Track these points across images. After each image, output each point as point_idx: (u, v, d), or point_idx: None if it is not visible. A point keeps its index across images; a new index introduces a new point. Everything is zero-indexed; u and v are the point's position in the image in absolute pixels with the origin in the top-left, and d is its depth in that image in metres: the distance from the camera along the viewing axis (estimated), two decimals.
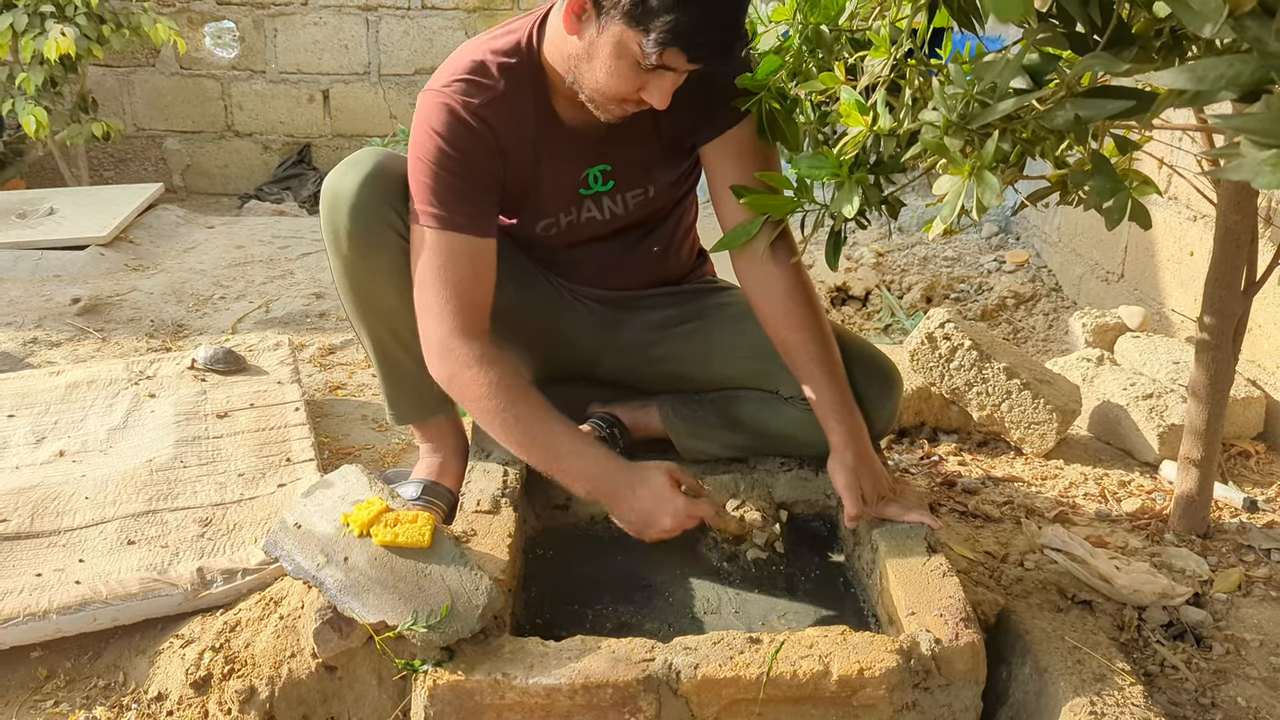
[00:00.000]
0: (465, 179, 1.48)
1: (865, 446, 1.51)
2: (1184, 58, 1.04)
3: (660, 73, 1.36)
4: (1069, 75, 0.91)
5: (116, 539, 1.48)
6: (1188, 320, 2.45)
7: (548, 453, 1.44)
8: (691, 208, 1.83)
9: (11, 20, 3.56)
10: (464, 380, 1.46)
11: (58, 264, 3.03)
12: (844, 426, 1.50)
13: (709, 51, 1.32)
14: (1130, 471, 2.01)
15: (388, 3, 4.58)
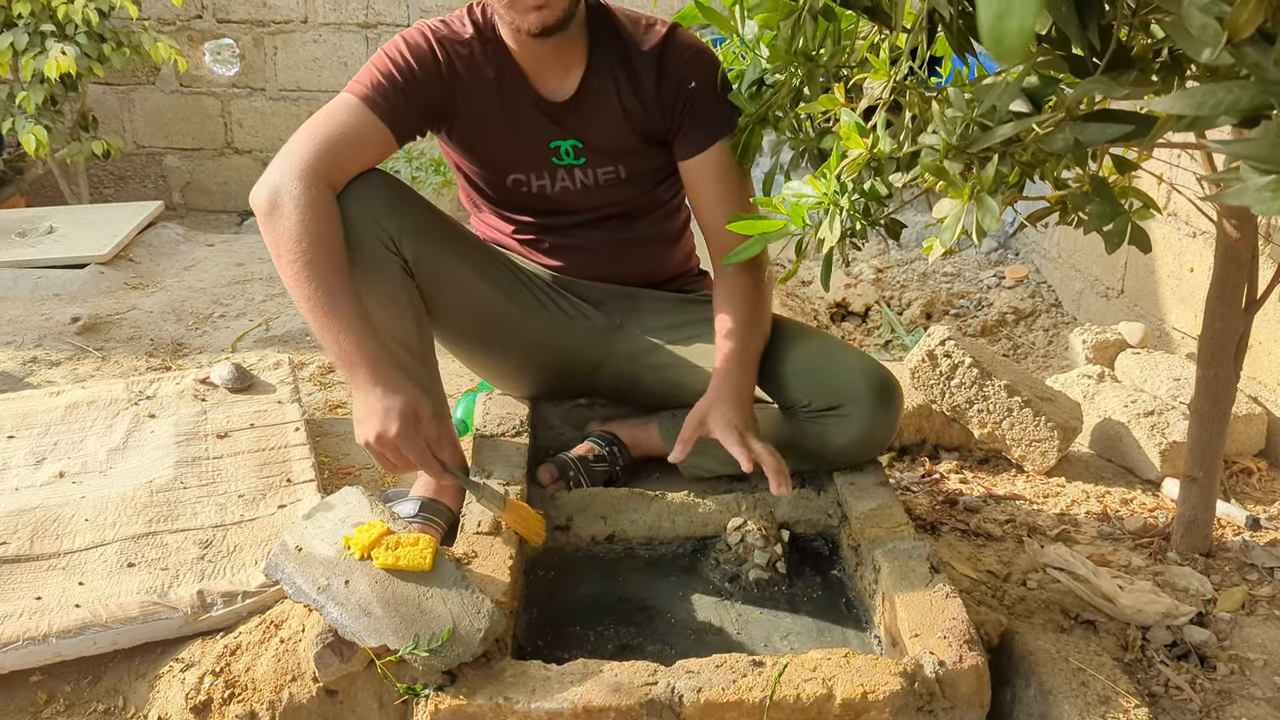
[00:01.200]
0: (403, 81, 1.57)
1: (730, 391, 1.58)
2: (1183, 78, 1.05)
3: None
4: (1068, 99, 0.91)
5: (116, 561, 1.47)
6: (1188, 336, 2.45)
7: (330, 322, 1.42)
8: (680, 211, 1.86)
9: (12, 39, 3.57)
10: (279, 222, 1.44)
11: (58, 283, 3.03)
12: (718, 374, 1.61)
13: None
14: (1132, 489, 2.00)
15: (387, 19, 4.59)
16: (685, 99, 1.64)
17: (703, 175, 1.67)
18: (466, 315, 1.74)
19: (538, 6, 1.50)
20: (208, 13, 4.55)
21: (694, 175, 1.68)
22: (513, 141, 1.67)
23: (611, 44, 1.65)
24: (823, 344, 1.72)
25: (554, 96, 1.65)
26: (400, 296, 1.59)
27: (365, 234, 1.53)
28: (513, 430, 1.78)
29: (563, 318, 1.80)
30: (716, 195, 1.67)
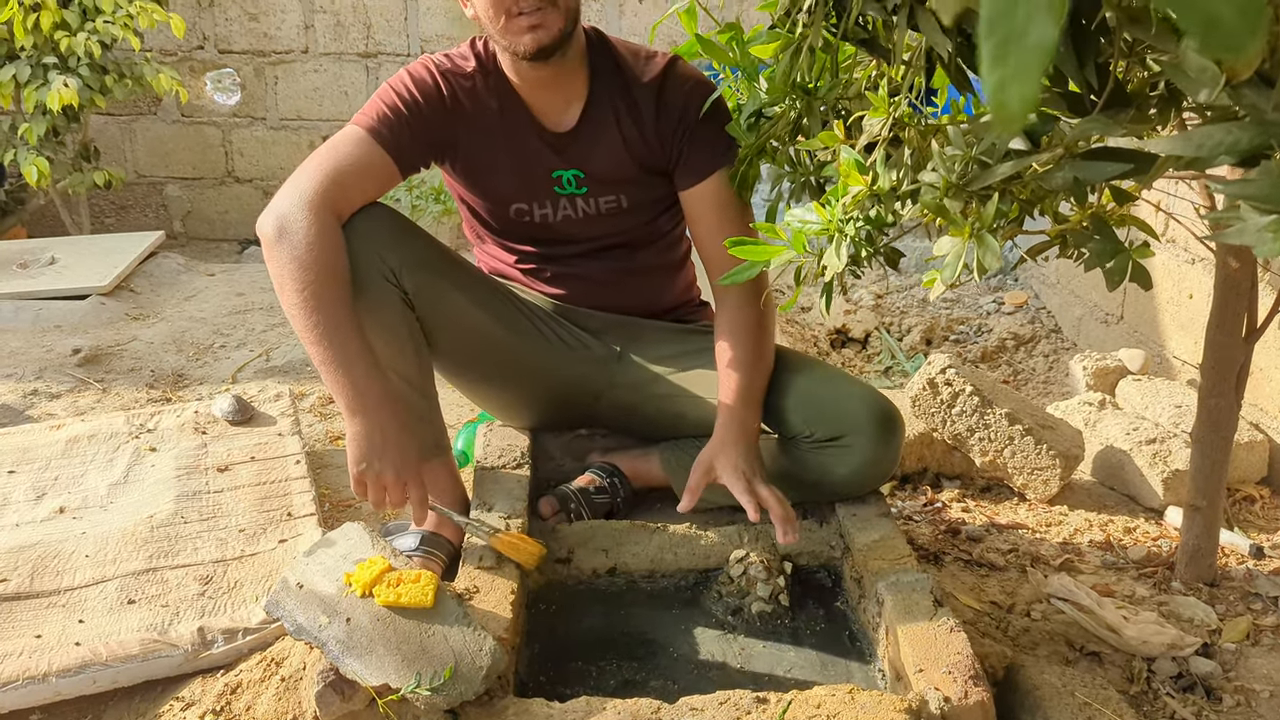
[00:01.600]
0: (407, 114, 1.59)
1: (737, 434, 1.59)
2: (1179, 113, 1.05)
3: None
4: (1067, 137, 0.91)
5: (117, 598, 1.47)
6: (1188, 364, 2.46)
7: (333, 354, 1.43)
8: (681, 241, 1.87)
9: (14, 71, 3.59)
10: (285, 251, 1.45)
11: (59, 314, 3.03)
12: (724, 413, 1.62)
13: None
14: (1135, 518, 2.00)
15: (387, 49, 4.62)
16: (684, 129, 1.66)
17: (702, 204, 1.68)
18: (467, 346, 1.74)
19: (532, 27, 1.51)
20: (209, 44, 4.58)
21: (693, 204, 1.69)
22: (515, 172, 1.69)
23: (612, 75, 1.66)
24: (824, 374, 1.72)
25: (556, 127, 1.67)
26: (400, 328, 1.59)
27: (367, 266, 1.54)
28: (513, 462, 1.78)
29: (563, 348, 1.80)
30: (716, 224, 1.68)
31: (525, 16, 1.51)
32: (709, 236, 1.69)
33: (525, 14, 1.51)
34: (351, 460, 1.45)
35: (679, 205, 1.75)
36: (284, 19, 4.57)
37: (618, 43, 1.71)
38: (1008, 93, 0.33)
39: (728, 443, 1.59)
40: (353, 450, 1.45)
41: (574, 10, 1.58)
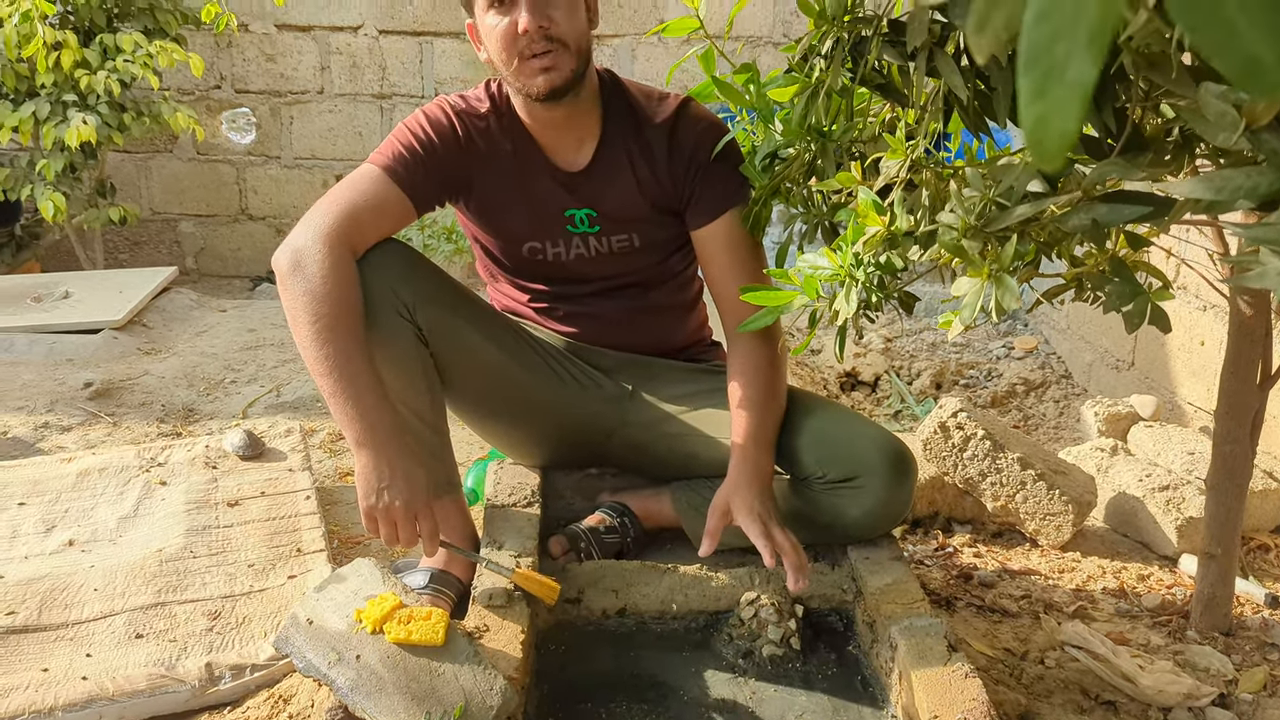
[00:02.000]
0: (423, 153, 1.61)
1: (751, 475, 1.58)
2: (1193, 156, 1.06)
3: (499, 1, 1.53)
4: (1085, 181, 0.92)
5: (125, 632, 1.46)
6: (1201, 410, 2.45)
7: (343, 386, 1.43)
8: (693, 282, 1.88)
9: (34, 108, 3.64)
10: (300, 284, 1.46)
11: (71, 347, 3.04)
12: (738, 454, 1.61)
13: None
14: (1149, 565, 1.98)
15: (401, 91, 4.68)
16: (696, 169, 1.67)
17: (714, 244, 1.69)
18: (479, 383, 1.74)
19: (545, 69, 1.53)
20: (227, 83, 4.64)
21: (705, 244, 1.70)
22: (528, 211, 1.70)
23: (624, 116, 1.68)
24: (837, 415, 1.72)
25: (569, 167, 1.68)
26: (414, 364, 1.60)
27: (381, 301, 1.55)
28: (524, 500, 1.77)
29: (575, 386, 1.80)
30: (728, 264, 1.69)
31: (538, 59, 1.53)
32: (721, 276, 1.70)
33: (537, 56, 1.53)
34: (361, 494, 1.44)
35: (691, 245, 1.77)
36: (301, 60, 4.63)
37: (630, 84, 1.73)
38: (1047, 129, 0.33)
39: (742, 485, 1.58)
40: (362, 484, 1.44)
41: (585, 51, 1.60)
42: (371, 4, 4.55)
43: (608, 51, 4.53)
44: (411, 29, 4.60)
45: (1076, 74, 0.32)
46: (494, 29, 1.54)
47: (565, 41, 1.54)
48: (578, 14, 1.57)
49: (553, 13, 1.52)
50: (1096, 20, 0.32)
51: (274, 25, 4.58)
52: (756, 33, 4.58)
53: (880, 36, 1.09)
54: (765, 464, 1.62)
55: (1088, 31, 0.32)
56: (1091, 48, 0.32)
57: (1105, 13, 0.32)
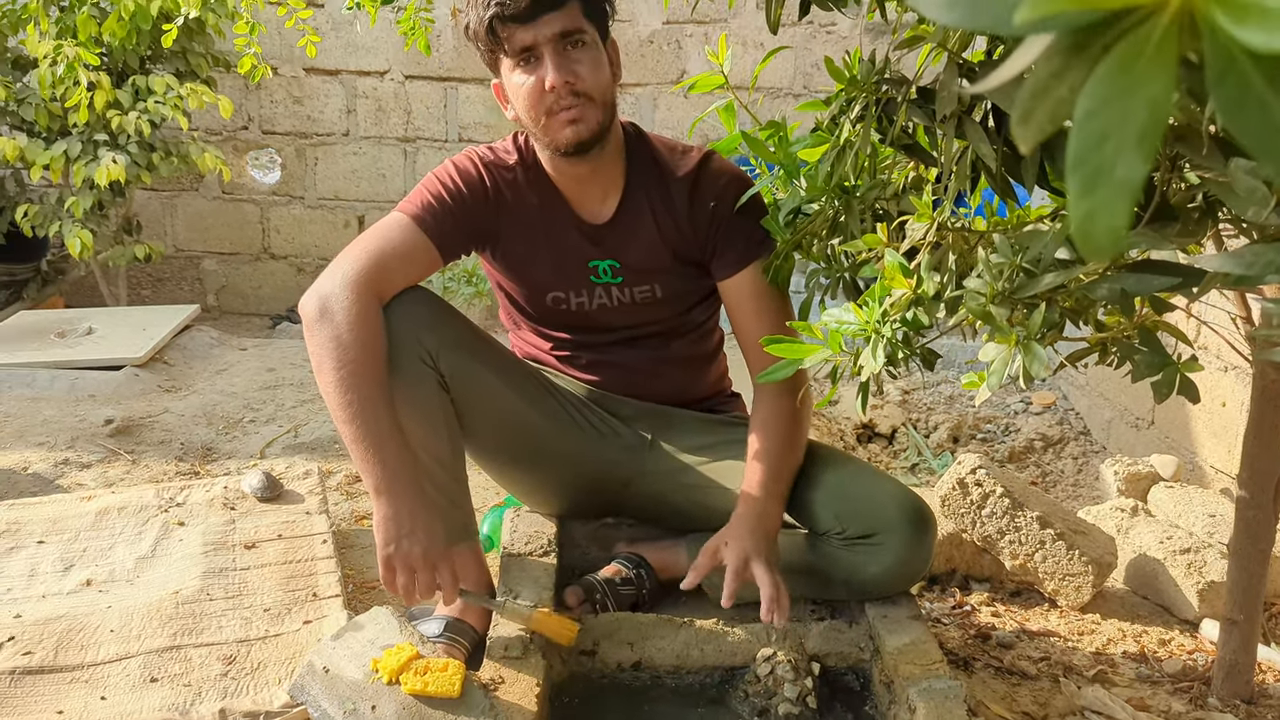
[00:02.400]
0: (452, 203, 1.63)
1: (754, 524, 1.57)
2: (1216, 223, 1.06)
3: (527, 55, 1.55)
4: None
5: (140, 675, 1.46)
6: (1221, 472, 2.43)
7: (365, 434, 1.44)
8: (714, 333, 1.89)
9: (66, 147, 3.70)
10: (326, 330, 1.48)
11: (93, 384, 3.07)
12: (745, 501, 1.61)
13: (512, 8, 1.51)
14: (1170, 629, 1.96)
15: (426, 135, 4.74)
16: (719, 222, 1.69)
17: (739, 295, 1.71)
18: (499, 430, 1.75)
19: (571, 121, 1.56)
20: (254, 124, 4.71)
21: (731, 295, 1.72)
22: (553, 262, 1.72)
23: (648, 169, 1.70)
24: (856, 470, 1.71)
25: (593, 219, 1.70)
26: (435, 410, 1.61)
27: (405, 347, 1.56)
28: (540, 549, 1.77)
29: (595, 434, 1.80)
30: (754, 314, 1.70)
31: (564, 113, 1.56)
32: (747, 326, 1.71)
33: (564, 110, 1.55)
34: (380, 542, 1.44)
35: (714, 298, 1.78)
36: (327, 103, 4.70)
37: (654, 138, 1.75)
38: (1095, 224, 0.34)
39: (743, 531, 1.58)
40: (381, 532, 1.44)
41: (611, 104, 1.62)
42: (398, 50, 4.63)
43: (629, 101, 4.58)
44: (437, 75, 4.67)
45: (1126, 173, 0.33)
46: (520, 87, 1.56)
47: (591, 95, 1.57)
48: (602, 69, 1.59)
49: (578, 68, 1.55)
50: (1146, 120, 0.33)
51: (302, 69, 4.65)
52: (777, 85, 4.63)
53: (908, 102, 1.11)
54: (772, 514, 1.61)
55: (1137, 131, 0.33)
56: (1141, 147, 0.33)
57: (1155, 113, 0.33)
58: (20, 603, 1.65)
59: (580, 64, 1.55)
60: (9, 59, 3.94)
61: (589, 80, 1.56)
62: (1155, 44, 0.32)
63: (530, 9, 1.51)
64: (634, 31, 4.57)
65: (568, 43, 1.55)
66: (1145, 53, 0.32)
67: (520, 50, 1.54)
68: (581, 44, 1.56)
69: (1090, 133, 0.34)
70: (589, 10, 1.58)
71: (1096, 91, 0.33)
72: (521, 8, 1.51)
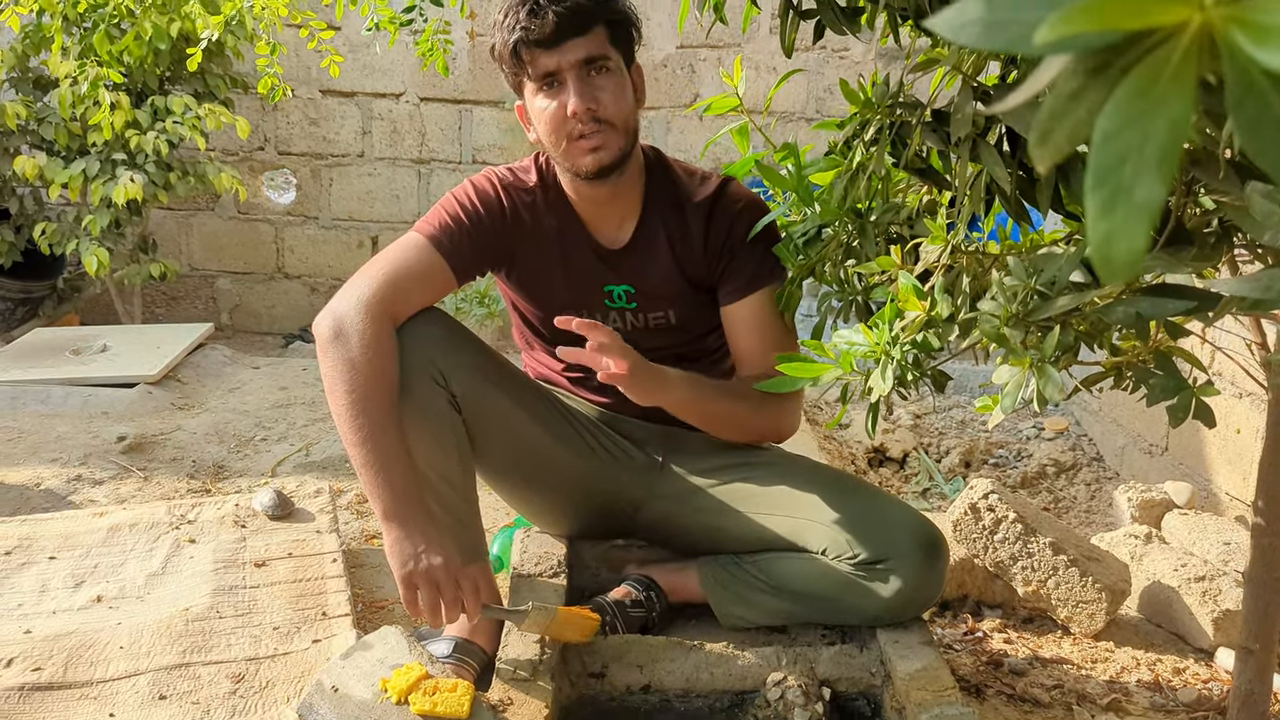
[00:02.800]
0: (469, 224, 1.64)
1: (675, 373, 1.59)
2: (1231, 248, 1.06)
3: (550, 79, 1.56)
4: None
5: (149, 693, 1.46)
6: (1236, 499, 2.41)
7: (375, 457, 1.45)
8: (727, 359, 1.89)
9: (84, 166, 3.73)
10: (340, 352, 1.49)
11: (107, 401, 3.08)
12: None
13: (536, 33, 1.52)
14: (1184, 658, 1.94)
15: (440, 156, 4.76)
16: (731, 247, 1.69)
17: (743, 322, 1.71)
18: (510, 451, 1.75)
19: (594, 148, 1.56)
20: (270, 145, 4.75)
21: (735, 321, 1.72)
22: (569, 285, 1.72)
23: (666, 194, 1.71)
24: (869, 495, 1.71)
25: (610, 244, 1.71)
26: (446, 430, 1.61)
27: (417, 368, 1.56)
28: (550, 570, 1.77)
29: (606, 456, 1.80)
30: (756, 343, 1.71)
31: (586, 139, 1.56)
32: (747, 353, 1.72)
33: (585, 137, 1.56)
34: (397, 564, 1.44)
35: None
36: (343, 124, 4.73)
37: (674, 162, 1.76)
38: (1113, 246, 0.34)
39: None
40: (396, 554, 1.44)
41: (633, 130, 1.63)
42: (413, 72, 4.66)
43: (642, 123, 4.61)
44: (452, 97, 4.70)
45: (1145, 194, 0.33)
46: (543, 111, 1.57)
47: (613, 122, 1.58)
48: (625, 95, 1.60)
49: (600, 94, 1.56)
50: (1166, 142, 0.33)
51: (318, 90, 4.69)
52: (790, 109, 4.64)
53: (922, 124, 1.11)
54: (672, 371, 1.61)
55: (1157, 153, 0.33)
56: (1160, 169, 0.33)
57: (1174, 135, 0.33)
58: (31, 618, 1.65)
59: (603, 90, 1.56)
60: (30, 79, 3.99)
61: (611, 107, 1.57)
62: (1175, 66, 0.32)
63: (555, 34, 1.52)
64: (648, 55, 4.60)
65: (591, 68, 1.56)
66: (1165, 74, 0.32)
67: (544, 75, 1.55)
68: (605, 70, 1.57)
69: (1109, 154, 0.34)
70: (614, 36, 1.59)
71: (1116, 113, 0.33)
72: (546, 33, 1.52)
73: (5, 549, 1.87)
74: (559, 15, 1.51)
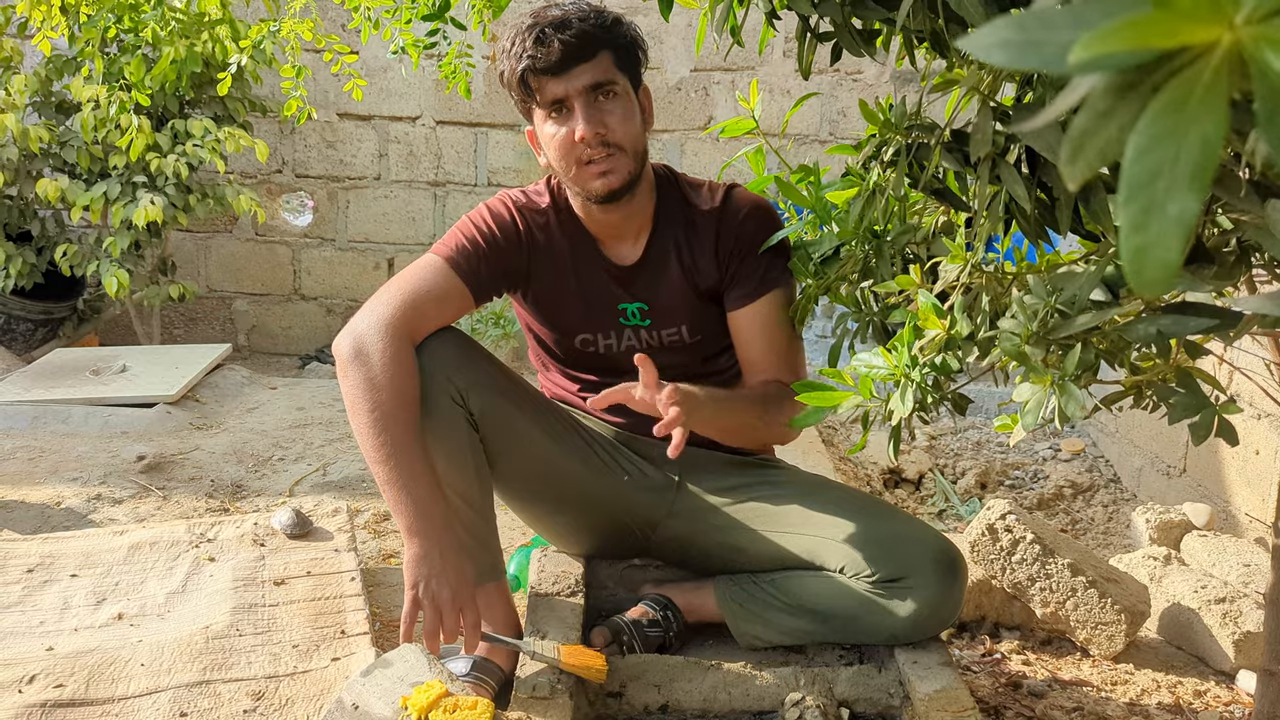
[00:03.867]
0: (485, 246, 1.66)
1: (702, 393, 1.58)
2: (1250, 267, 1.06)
3: (558, 106, 1.58)
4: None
5: (169, 710, 1.46)
6: (1256, 520, 2.40)
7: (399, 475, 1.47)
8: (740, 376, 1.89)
9: (105, 189, 3.78)
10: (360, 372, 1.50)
11: (126, 421, 3.10)
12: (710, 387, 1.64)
13: (543, 60, 1.54)
14: (1205, 680, 1.92)
15: (456, 179, 4.80)
16: (740, 250, 1.70)
17: (750, 328, 1.72)
18: (528, 470, 1.75)
19: (603, 173, 1.59)
20: (288, 168, 4.79)
21: (741, 327, 1.73)
22: (582, 304, 1.74)
23: (676, 209, 1.73)
24: (887, 514, 1.71)
25: (621, 261, 1.72)
26: (464, 450, 1.62)
27: (436, 387, 1.58)
28: (568, 589, 1.77)
29: (622, 475, 1.81)
30: (763, 349, 1.72)
31: (594, 164, 1.58)
32: (754, 359, 1.74)
33: (594, 162, 1.58)
34: (409, 581, 1.46)
35: None
36: (360, 147, 4.78)
37: (683, 178, 1.77)
38: (1146, 260, 0.35)
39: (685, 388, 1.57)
40: (411, 571, 1.46)
41: (642, 153, 1.65)
42: (430, 95, 4.71)
43: (657, 146, 4.63)
44: (467, 120, 4.74)
45: (1178, 210, 0.34)
46: (552, 137, 1.59)
47: (621, 146, 1.60)
48: (632, 119, 1.62)
49: (608, 119, 1.58)
50: (1199, 158, 0.34)
51: (336, 114, 4.74)
52: (804, 131, 4.67)
53: (941, 144, 1.12)
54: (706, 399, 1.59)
55: (1190, 169, 0.34)
56: (1194, 185, 0.34)
57: (1207, 151, 0.34)
58: (53, 635, 1.66)
59: (611, 115, 1.58)
60: (53, 103, 4.04)
61: (619, 131, 1.59)
62: (1206, 83, 0.33)
63: (561, 62, 1.54)
64: (662, 79, 4.63)
65: (598, 93, 1.58)
66: (1196, 92, 0.33)
67: (551, 101, 1.58)
68: (612, 94, 1.59)
69: (1142, 170, 0.34)
70: (620, 60, 1.61)
71: (1149, 130, 0.34)
72: (553, 61, 1.54)
73: (27, 567, 1.88)
74: (564, 43, 1.53)
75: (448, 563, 1.45)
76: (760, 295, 1.70)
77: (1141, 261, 0.35)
